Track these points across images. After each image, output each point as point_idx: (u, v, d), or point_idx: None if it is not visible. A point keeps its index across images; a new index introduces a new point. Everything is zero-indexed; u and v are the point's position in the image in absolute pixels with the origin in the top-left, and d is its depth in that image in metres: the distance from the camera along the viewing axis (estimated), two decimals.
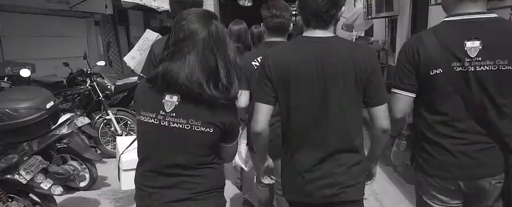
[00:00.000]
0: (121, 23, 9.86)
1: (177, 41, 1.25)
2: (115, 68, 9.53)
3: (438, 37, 1.44)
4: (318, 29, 1.49)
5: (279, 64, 1.48)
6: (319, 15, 1.46)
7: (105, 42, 8.97)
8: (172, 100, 1.26)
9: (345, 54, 1.44)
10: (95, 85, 4.56)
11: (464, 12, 1.44)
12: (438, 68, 1.43)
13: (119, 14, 9.62)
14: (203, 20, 1.27)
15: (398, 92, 1.53)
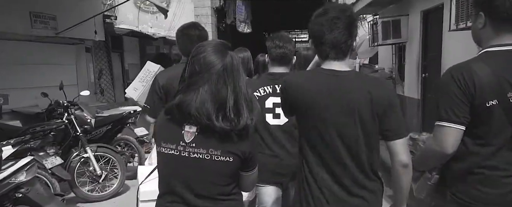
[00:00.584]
0: (115, 50, 9.49)
1: (192, 74, 1.29)
2: (107, 96, 9.07)
3: (490, 66, 1.38)
4: (336, 60, 1.50)
5: (299, 92, 1.50)
6: (339, 46, 1.47)
7: (97, 70, 8.56)
8: (191, 131, 1.29)
9: (362, 88, 1.45)
10: (72, 118, 4.05)
11: (506, 43, 1.41)
12: (494, 99, 1.37)
13: (113, 40, 9.28)
14: (219, 53, 1.30)
15: (451, 126, 1.42)
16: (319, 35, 1.49)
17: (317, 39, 1.50)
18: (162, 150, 1.33)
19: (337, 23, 1.46)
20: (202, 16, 10.72)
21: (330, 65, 1.50)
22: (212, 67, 1.27)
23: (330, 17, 1.47)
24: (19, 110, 5.51)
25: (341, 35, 1.45)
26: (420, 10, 5.60)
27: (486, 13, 1.44)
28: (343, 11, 1.49)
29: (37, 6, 5.85)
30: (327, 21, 1.47)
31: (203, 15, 10.72)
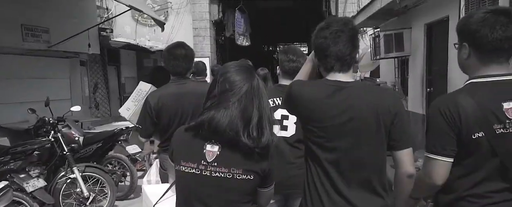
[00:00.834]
0: (111, 63, 9.32)
1: (223, 92, 1.35)
2: (102, 110, 8.85)
3: (475, 98, 1.39)
4: (341, 72, 1.52)
5: (302, 100, 1.51)
6: (343, 58, 1.50)
7: (92, 83, 8.36)
8: (213, 150, 1.33)
9: (369, 99, 1.47)
10: (59, 136, 3.82)
11: (492, 74, 1.42)
12: (480, 131, 1.38)
13: (110, 53, 9.11)
14: (248, 74, 1.38)
15: (438, 158, 1.44)
16: (323, 48, 1.51)
17: (322, 52, 1.53)
18: (182, 168, 1.36)
19: (340, 35, 1.48)
20: (201, 29, 10.58)
21: (335, 76, 1.52)
22: (242, 86, 1.34)
23: (334, 30, 1.49)
24: (8, 126, 5.29)
25: (345, 47, 1.48)
26: (423, 23, 5.43)
27: (470, 44, 1.43)
28: (345, 24, 1.52)
29: (30, 18, 5.69)
30: (331, 34, 1.49)
31: (201, 28, 10.58)
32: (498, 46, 1.39)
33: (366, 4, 6.53)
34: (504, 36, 1.37)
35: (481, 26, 1.39)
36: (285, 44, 28.15)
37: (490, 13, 1.40)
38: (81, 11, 6.77)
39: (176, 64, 2.43)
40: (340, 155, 1.46)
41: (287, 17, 14.89)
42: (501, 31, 1.37)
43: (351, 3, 10.15)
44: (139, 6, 5.94)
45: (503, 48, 1.39)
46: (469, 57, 1.45)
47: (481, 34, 1.39)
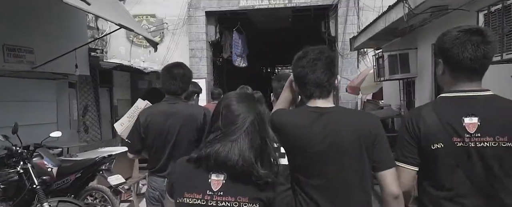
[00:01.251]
0: (103, 85, 8.96)
1: (228, 124, 1.34)
2: (92, 134, 8.42)
3: (437, 112, 1.47)
4: (321, 98, 1.59)
5: (285, 129, 1.54)
6: (322, 85, 1.57)
7: (82, 106, 7.97)
8: (218, 179, 1.31)
9: (349, 122, 1.52)
10: (29, 167, 3.40)
11: (460, 89, 1.48)
12: (439, 142, 1.45)
13: (102, 75, 8.77)
14: (251, 103, 1.39)
15: (401, 165, 1.53)
16: (302, 76, 1.57)
17: (301, 80, 1.59)
18: (186, 200, 1.32)
19: (317, 63, 1.55)
20: (197, 50, 10.32)
21: (315, 103, 1.57)
22: (247, 117, 1.34)
23: (311, 59, 1.56)
24: None
25: (323, 74, 1.55)
26: (430, 43, 5.11)
27: (444, 61, 1.49)
28: (321, 52, 1.58)
29: (12, 38, 5.36)
30: (308, 62, 1.56)
31: (198, 49, 10.32)
32: (468, 65, 1.42)
33: (368, 24, 6.24)
34: (474, 55, 1.40)
35: (453, 44, 1.44)
36: (283, 66, 28.02)
37: (463, 32, 1.44)
38: (70, 30, 6.47)
39: (172, 83, 2.46)
40: (326, 180, 1.49)
41: (285, 39, 14.70)
42: (471, 51, 1.40)
43: (351, 24, 9.94)
44: (131, 25, 5.63)
45: (473, 67, 1.43)
46: (443, 73, 1.51)
47: (453, 52, 1.43)
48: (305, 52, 1.61)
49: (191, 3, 10.22)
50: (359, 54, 10.17)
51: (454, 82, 1.48)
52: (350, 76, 10.03)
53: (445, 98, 1.50)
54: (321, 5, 10.05)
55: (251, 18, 11.02)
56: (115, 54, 10.73)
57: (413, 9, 4.06)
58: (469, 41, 1.42)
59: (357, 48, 8.06)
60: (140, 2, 10.59)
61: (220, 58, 12.44)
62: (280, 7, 9.99)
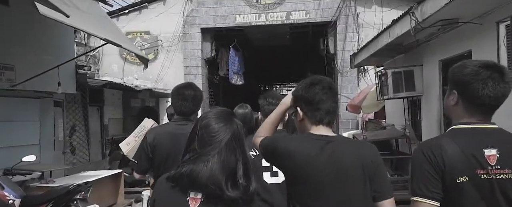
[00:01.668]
0: (93, 103, 8.58)
1: (203, 145, 1.34)
2: (80, 155, 7.98)
3: (459, 144, 1.42)
4: (328, 126, 1.62)
5: (291, 156, 1.55)
6: (332, 113, 1.62)
7: (69, 126, 7.57)
8: (197, 197, 1.31)
9: (353, 152, 1.55)
10: None
11: (474, 122, 1.47)
12: (464, 175, 1.41)
13: (92, 93, 8.40)
14: (227, 122, 1.37)
15: (424, 201, 1.43)
16: (316, 101, 1.60)
17: (314, 105, 1.60)
18: None
19: (329, 92, 1.61)
20: (192, 67, 10.00)
21: (320, 130, 1.60)
22: (222, 138, 1.32)
23: (324, 86, 1.61)
24: None
25: (334, 103, 1.63)
26: (438, 59, 4.79)
27: (460, 93, 1.47)
28: (330, 83, 1.65)
29: None
30: (322, 90, 1.60)
31: (193, 66, 10.01)
32: (486, 102, 1.42)
33: (370, 40, 5.94)
34: (493, 93, 1.41)
35: (474, 80, 1.42)
36: (281, 84, 27.75)
37: (483, 67, 1.42)
38: (56, 47, 6.14)
39: (183, 104, 2.46)
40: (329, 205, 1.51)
41: (283, 56, 14.45)
42: (491, 89, 1.40)
43: (350, 41, 9.69)
44: (119, 40, 5.31)
45: (490, 104, 1.43)
46: (456, 104, 1.49)
47: (473, 87, 1.42)
48: (318, 79, 1.65)
49: (186, 19, 9.98)
50: (359, 71, 9.88)
51: (466, 114, 1.47)
52: (350, 94, 9.71)
53: (460, 130, 1.47)
54: (319, 22, 9.82)
55: (248, 35, 10.78)
56: (107, 71, 10.42)
57: (420, 22, 3.75)
58: (490, 78, 1.41)
59: (357, 65, 7.75)
60: (134, 19, 10.36)
61: (217, 76, 12.14)
62: (278, 23, 9.75)
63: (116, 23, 10.30)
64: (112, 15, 10.24)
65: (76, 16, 5.19)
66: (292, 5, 9.69)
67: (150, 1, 10.27)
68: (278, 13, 9.70)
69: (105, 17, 6.17)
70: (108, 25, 5.95)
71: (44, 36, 5.98)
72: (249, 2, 9.76)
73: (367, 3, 9.67)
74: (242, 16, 9.75)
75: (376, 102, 7.43)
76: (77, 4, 5.63)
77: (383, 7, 9.64)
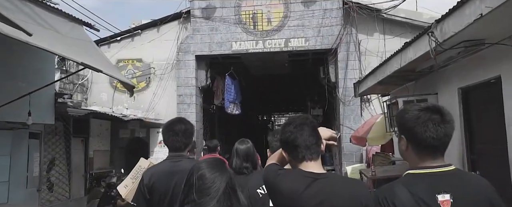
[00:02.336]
0: (77, 135, 7.95)
1: (201, 196, 1.39)
2: (59, 192, 7.25)
3: (410, 190, 1.47)
4: (312, 161, 1.66)
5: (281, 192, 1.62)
6: (311, 147, 1.66)
7: (47, 160, 6.90)
8: None
9: (342, 192, 1.58)
10: None
11: (427, 166, 1.50)
12: None
13: (77, 123, 7.79)
14: (222, 172, 1.44)
15: None
16: (291, 140, 1.66)
17: (291, 144, 1.67)
18: None
19: (304, 128, 1.67)
20: (186, 96, 9.46)
21: (307, 166, 1.64)
22: (219, 187, 1.39)
23: (297, 124, 1.68)
24: None
25: (311, 137, 1.66)
26: (457, 87, 4.25)
27: (407, 137, 1.53)
28: (305, 118, 1.72)
29: None
30: (295, 127, 1.67)
31: (186, 95, 9.46)
32: (431, 144, 1.48)
33: (377, 66, 5.43)
34: (436, 134, 1.47)
35: (415, 123, 1.49)
36: (280, 114, 27.20)
37: (423, 111, 1.50)
38: (33, 74, 5.60)
39: (175, 139, 2.46)
40: None
41: (282, 85, 13.98)
42: (433, 130, 1.46)
43: (352, 69, 9.21)
44: (100, 66, 4.79)
45: (435, 145, 1.49)
46: (407, 149, 1.55)
47: (416, 131, 1.48)
48: (291, 120, 1.73)
49: (180, 46, 9.55)
50: (362, 101, 9.35)
51: (419, 158, 1.52)
52: (353, 125, 9.12)
53: (414, 175, 1.52)
54: (319, 50, 9.39)
55: (245, 62, 10.33)
56: (96, 100, 9.86)
57: (440, 43, 3.23)
58: (430, 120, 1.47)
59: (362, 94, 7.22)
60: (126, 46, 9.94)
61: (213, 105, 11.59)
62: (276, 51, 9.31)
63: (107, 50, 9.88)
64: (103, 42, 9.84)
65: (52, 38, 4.69)
66: (291, 32, 9.30)
67: (143, 28, 9.89)
68: (276, 40, 9.29)
69: (89, 42, 5.69)
70: (90, 50, 5.46)
71: (21, 62, 5.47)
72: (246, 29, 9.38)
73: (369, 30, 9.29)
74: (239, 43, 9.33)
75: (383, 133, 6.83)
76: (57, 27, 5.15)
77: (386, 34, 9.27)
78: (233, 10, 9.43)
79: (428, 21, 8.60)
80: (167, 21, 9.73)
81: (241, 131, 14.84)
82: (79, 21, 5.79)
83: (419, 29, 8.31)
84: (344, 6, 9.19)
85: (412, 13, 9.17)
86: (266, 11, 9.38)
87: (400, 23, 9.15)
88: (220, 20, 9.45)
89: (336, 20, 9.23)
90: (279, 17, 9.35)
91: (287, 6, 9.33)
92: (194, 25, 9.50)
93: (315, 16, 9.29)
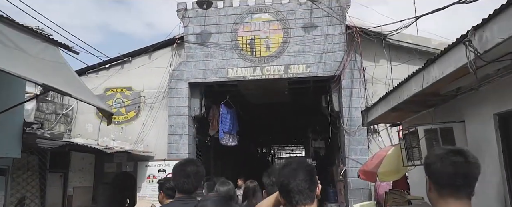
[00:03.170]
0: (54, 169, 7.16)
1: None
2: None
3: None
4: (306, 206, 1.65)
5: None
6: (304, 192, 1.64)
7: (15, 198, 6.07)
8: None
9: None
10: None
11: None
12: None
13: (55, 157, 7.02)
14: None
15: None
16: (285, 184, 1.66)
17: (284, 188, 1.67)
18: None
19: (298, 172, 1.66)
20: (177, 126, 8.73)
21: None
22: None
23: (292, 169, 1.67)
24: None
25: (304, 182, 1.64)
26: (492, 113, 3.53)
27: (430, 177, 1.55)
28: (301, 162, 1.72)
29: None
30: (289, 172, 1.67)
31: (178, 125, 8.73)
32: (452, 182, 1.48)
33: (390, 90, 4.74)
34: (457, 172, 1.47)
35: (436, 160, 1.53)
36: (279, 146, 26.28)
37: (448, 152, 1.53)
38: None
39: (186, 181, 2.42)
40: None
41: (282, 115, 13.27)
42: (455, 167, 1.47)
43: (357, 98, 8.55)
44: (70, 89, 4.12)
45: (457, 185, 1.48)
46: (431, 190, 1.55)
47: (437, 169, 1.51)
48: (287, 162, 1.72)
49: (173, 74, 8.94)
50: (369, 131, 8.61)
51: (441, 200, 1.51)
52: (359, 158, 8.34)
53: None
54: (321, 77, 8.78)
55: (242, 90, 9.70)
56: (81, 132, 9.13)
57: (481, 54, 2.55)
58: (452, 159, 1.48)
59: (370, 123, 6.48)
60: (115, 74, 9.34)
61: (208, 137, 10.83)
62: (275, 77, 8.69)
63: (95, 78, 9.28)
64: (91, 70, 9.25)
65: (14, 59, 4.05)
66: (291, 58, 8.72)
67: (133, 55, 9.32)
68: (275, 66, 8.70)
69: (62, 64, 5.04)
70: (62, 72, 4.80)
71: None
72: (243, 55, 8.81)
73: (374, 57, 8.74)
74: (235, 69, 8.74)
75: (396, 168, 6.04)
76: (25, 48, 4.52)
77: (392, 61, 8.70)
78: (230, 35, 8.92)
79: (437, 47, 8.06)
80: (159, 47, 9.20)
81: (238, 165, 13.94)
82: (54, 42, 5.18)
83: (428, 55, 7.77)
84: (347, 31, 8.68)
85: (419, 39, 8.64)
86: (264, 37, 8.86)
87: (407, 49, 8.61)
88: (215, 46, 8.91)
89: (339, 45, 8.69)
90: (278, 42, 8.81)
91: (286, 31, 8.82)
92: (188, 51, 8.95)
93: (317, 41, 8.75)
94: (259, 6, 8.97)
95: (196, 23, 9.01)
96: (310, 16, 8.85)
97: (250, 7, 8.96)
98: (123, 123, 9.05)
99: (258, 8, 8.96)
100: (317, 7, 8.74)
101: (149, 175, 8.52)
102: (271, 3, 8.95)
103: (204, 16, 9.00)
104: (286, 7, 8.90)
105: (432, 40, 8.57)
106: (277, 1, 8.94)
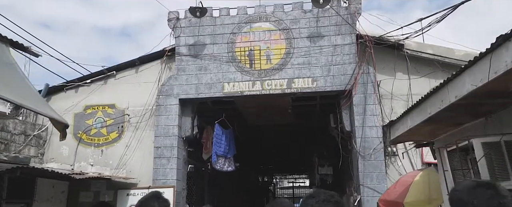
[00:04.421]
0: (14, 200, 5.98)
1: None
2: None
3: None
4: None
5: None
6: None
7: None
8: None
9: None
10: None
11: None
12: None
13: (15, 184, 5.87)
14: None
15: None
16: None
17: None
18: None
19: (327, 205, 1.61)
20: (165, 148, 7.58)
21: None
22: None
23: (321, 200, 1.63)
24: None
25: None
26: None
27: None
28: (332, 196, 1.66)
29: None
30: (318, 203, 1.62)
31: (166, 147, 7.58)
32: None
33: (428, 93, 3.64)
34: (487, 204, 1.44)
35: (468, 195, 1.48)
36: (282, 175, 24.79)
37: (477, 183, 1.52)
38: None
39: None
40: None
41: (285, 137, 12.09)
42: (485, 202, 1.44)
43: (372, 115, 7.41)
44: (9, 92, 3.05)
45: None
46: None
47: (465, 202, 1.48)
48: (316, 192, 1.70)
49: (161, 89, 7.90)
50: (385, 154, 7.42)
51: None
52: (377, 186, 7.10)
53: None
54: (329, 92, 7.70)
55: (240, 108, 8.62)
56: (55, 156, 7.97)
57: None
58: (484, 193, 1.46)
59: (395, 141, 5.34)
60: (97, 90, 8.31)
61: (208, 163, 9.64)
62: (277, 93, 7.63)
63: (74, 95, 8.26)
64: (69, 86, 8.24)
65: None
66: (295, 71, 7.69)
67: (119, 69, 8.33)
68: (277, 80, 7.66)
69: (8, 64, 4.01)
70: (5, 73, 3.76)
71: None
72: (241, 68, 7.80)
73: (390, 69, 7.70)
74: (232, 84, 7.70)
75: (427, 197, 4.90)
76: None
77: (411, 74, 7.65)
78: (226, 46, 7.95)
79: (462, 59, 7.05)
80: (147, 60, 8.22)
81: (237, 194, 12.61)
82: (4, 39, 4.18)
83: (453, 68, 6.73)
84: (359, 41, 7.70)
85: (441, 50, 7.62)
86: (265, 47, 7.88)
87: (428, 61, 7.58)
88: (210, 58, 7.93)
89: (349, 57, 7.68)
90: (280, 53, 7.82)
91: (289, 41, 7.85)
92: (179, 64, 7.95)
93: (324, 52, 7.75)
94: (259, 15, 8.07)
95: (189, 33, 8.08)
96: (316, 25, 7.91)
97: (249, 16, 8.06)
98: (104, 145, 7.92)
99: (258, 16, 8.05)
100: (324, 15, 7.82)
101: (131, 205, 7.29)
102: (272, 11, 8.04)
103: (197, 25, 8.08)
104: (289, 15, 7.98)
105: (456, 50, 7.55)
106: (279, 9, 8.04)
